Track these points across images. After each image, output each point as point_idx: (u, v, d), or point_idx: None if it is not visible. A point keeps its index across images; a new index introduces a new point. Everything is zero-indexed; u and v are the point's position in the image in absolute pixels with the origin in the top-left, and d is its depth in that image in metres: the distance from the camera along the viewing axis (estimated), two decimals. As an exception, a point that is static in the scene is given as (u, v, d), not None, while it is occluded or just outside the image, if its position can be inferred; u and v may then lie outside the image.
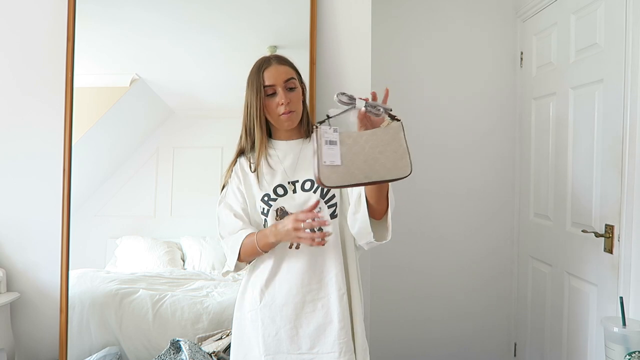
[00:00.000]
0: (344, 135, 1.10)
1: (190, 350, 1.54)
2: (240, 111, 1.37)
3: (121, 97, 1.85)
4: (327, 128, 1.09)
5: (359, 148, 1.10)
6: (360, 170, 1.10)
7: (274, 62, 1.33)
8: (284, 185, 1.33)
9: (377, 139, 1.12)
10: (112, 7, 1.79)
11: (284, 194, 1.32)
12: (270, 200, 1.32)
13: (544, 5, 2.26)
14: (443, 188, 2.59)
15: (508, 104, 2.59)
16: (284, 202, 1.31)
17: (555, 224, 2.16)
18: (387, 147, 1.12)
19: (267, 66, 1.32)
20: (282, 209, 1.31)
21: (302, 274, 1.29)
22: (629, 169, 1.65)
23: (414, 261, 2.58)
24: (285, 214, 1.29)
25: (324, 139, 1.07)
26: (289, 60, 1.38)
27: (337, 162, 1.07)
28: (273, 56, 1.36)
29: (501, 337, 2.64)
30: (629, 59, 1.65)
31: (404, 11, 2.57)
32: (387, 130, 1.13)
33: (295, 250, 1.30)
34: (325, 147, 1.07)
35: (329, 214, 1.31)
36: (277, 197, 1.32)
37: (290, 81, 1.32)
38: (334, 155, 1.08)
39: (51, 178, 1.73)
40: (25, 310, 1.77)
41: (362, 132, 1.12)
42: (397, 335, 2.57)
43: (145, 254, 1.87)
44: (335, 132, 1.09)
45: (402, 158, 1.13)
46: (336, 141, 1.08)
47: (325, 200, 1.31)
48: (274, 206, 1.31)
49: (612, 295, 1.73)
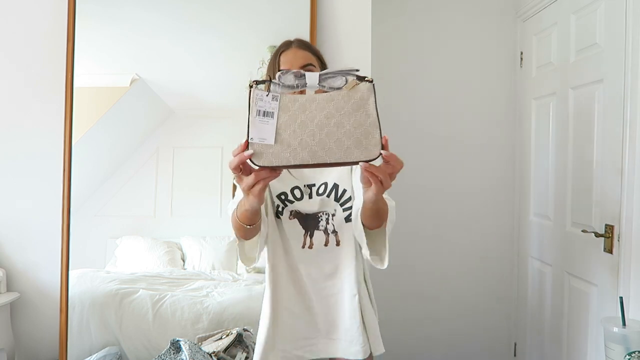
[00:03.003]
0: (287, 99, 0.84)
1: (190, 350, 1.54)
2: (240, 111, 1.36)
3: (121, 97, 1.85)
4: (263, 93, 0.83)
5: (307, 117, 0.83)
6: (305, 148, 0.83)
7: (294, 45, 1.24)
8: (300, 188, 1.25)
9: (335, 107, 0.84)
10: (112, 7, 1.79)
11: (300, 197, 1.25)
12: (287, 200, 1.25)
13: (544, 5, 2.26)
14: (443, 188, 2.59)
15: (508, 104, 2.59)
16: (299, 207, 1.24)
17: (555, 224, 2.16)
18: (347, 118, 0.84)
19: (286, 49, 1.23)
20: (297, 211, 1.23)
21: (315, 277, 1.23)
22: (629, 169, 1.65)
23: (413, 261, 2.58)
24: (300, 214, 1.23)
25: (257, 107, 0.82)
26: (313, 46, 1.29)
27: (268, 140, 0.82)
28: (296, 40, 1.26)
29: (501, 337, 2.64)
30: (629, 59, 1.65)
31: (404, 11, 2.57)
32: (350, 95, 0.85)
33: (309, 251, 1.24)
34: (257, 119, 0.82)
35: (344, 217, 1.23)
36: (294, 200, 1.25)
37: (307, 67, 1.20)
38: (266, 131, 0.82)
39: (51, 178, 1.73)
40: (25, 310, 1.77)
41: (314, 96, 0.85)
42: (397, 335, 2.57)
43: (145, 254, 1.87)
44: (274, 100, 0.83)
45: (367, 134, 0.84)
46: (273, 112, 0.83)
47: (341, 203, 1.23)
48: (289, 208, 1.24)
49: (612, 295, 1.73)
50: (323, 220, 1.23)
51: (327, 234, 1.22)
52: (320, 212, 1.23)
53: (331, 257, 1.24)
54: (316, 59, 1.25)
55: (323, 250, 1.23)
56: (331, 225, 1.23)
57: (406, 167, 1.28)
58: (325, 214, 1.24)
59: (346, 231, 1.23)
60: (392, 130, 1.35)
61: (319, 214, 1.23)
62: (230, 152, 0.86)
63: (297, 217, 1.23)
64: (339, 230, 1.23)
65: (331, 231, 1.22)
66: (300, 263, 1.24)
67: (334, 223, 1.23)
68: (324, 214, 1.23)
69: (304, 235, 1.23)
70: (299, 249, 1.24)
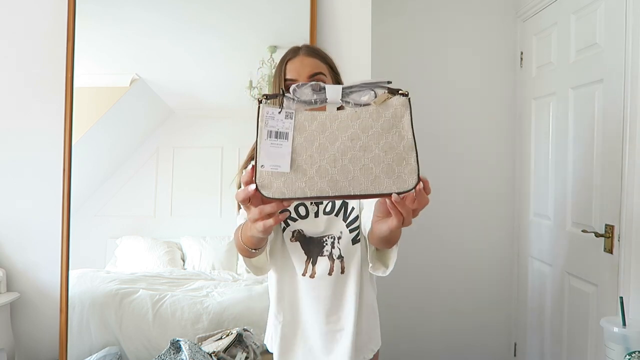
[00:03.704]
0: (302, 117, 0.68)
1: (190, 350, 1.54)
2: (240, 111, 1.35)
3: (121, 97, 1.85)
4: (275, 110, 0.67)
5: (327, 139, 0.68)
6: (324, 177, 0.68)
7: (302, 53, 1.13)
8: (306, 205, 1.14)
9: (361, 126, 0.68)
10: (112, 7, 1.79)
11: (305, 216, 1.14)
12: (290, 219, 1.13)
13: (544, 5, 2.26)
14: (443, 188, 2.59)
15: (508, 104, 2.60)
16: (303, 225, 1.12)
17: (555, 224, 2.16)
18: (376, 141, 0.69)
19: (292, 57, 1.13)
20: (300, 231, 1.11)
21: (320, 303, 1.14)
22: (629, 169, 1.65)
23: (413, 261, 2.58)
24: (302, 237, 1.11)
25: (267, 127, 0.67)
26: (322, 53, 1.17)
27: (283, 167, 0.67)
28: (304, 46, 1.16)
29: (501, 337, 2.64)
30: (629, 59, 1.65)
31: (404, 11, 2.57)
32: (380, 112, 0.69)
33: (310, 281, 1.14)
34: (267, 142, 0.67)
35: (351, 239, 1.12)
36: (298, 218, 1.14)
37: (316, 77, 1.10)
38: (280, 156, 0.67)
39: (51, 178, 1.73)
40: (25, 310, 1.77)
41: (335, 113, 0.69)
42: (397, 334, 2.57)
43: (145, 254, 1.87)
44: (288, 117, 0.68)
45: (401, 160, 0.69)
46: (287, 133, 0.67)
47: (348, 223, 1.12)
48: (292, 227, 1.12)
49: (612, 295, 1.73)
50: (328, 245, 1.12)
51: (332, 260, 1.12)
52: (325, 235, 1.12)
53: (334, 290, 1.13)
54: (326, 67, 1.14)
55: (326, 279, 1.12)
56: (337, 250, 1.12)
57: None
58: (331, 237, 1.12)
59: (353, 256, 1.13)
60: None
61: (324, 238, 1.12)
62: (230, 152, 0.84)
63: (300, 240, 1.12)
64: (345, 255, 1.12)
65: (337, 256, 1.12)
66: (300, 292, 1.15)
67: (340, 247, 1.12)
68: (329, 237, 1.12)
69: (306, 262, 1.12)
70: (299, 276, 1.14)
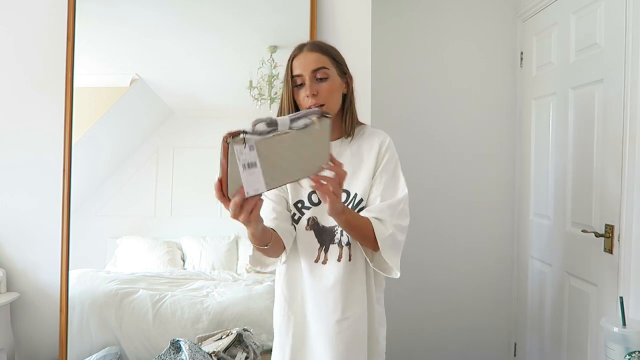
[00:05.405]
0: (260, 146, 0.87)
1: (190, 350, 1.54)
2: (240, 111, 1.36)
3: (121, 97, 1.85)
4: (241, 147, 0.86)
5: (279, 158, 0.91)
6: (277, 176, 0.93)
7: (306, 49, 1.20)
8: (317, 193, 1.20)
9: (300, 142, 0.94)
10: (112, 7, 1.80)
11: (318, 202, 1.21)
12: (304, 208, 1.22)
13: (544, 5, 2.26)
14: (443, 188, 2.59)
15: (508, 104, 2.59)
16: (317, 213, 1.21)
17: (555, 224, 2.16)
18: (308, 150, 0.95)
19: (297, 53, 1.20)
20: (314, 219, 1.20)
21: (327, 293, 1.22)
22: (629, 169, 1.65)
23: (413, 261, 2.57)
24: (317, 225, 1.20)
25: (241, 162, 0.86)
26: (326, 47, 1.23)
27: (261, 188, 0.88)
28: (309, 42, 1.23)
29: (501, 337, 2.64)
30: (629, 59, 1.65)
31: (404, 11, 2.57)
32: (311, 132, 0.94)
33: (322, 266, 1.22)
34: (245, 173, 0.87)
35: None
36: (312, 205, 1.22)
37: (320, 71, 1.17)
38: (256, 181, 0.88)
39: (51, 178, 1.73)
40: (25, 310, 1.77)
41: (280, 137, 0.90)
42: (396, 334, 2.57)
43: (145, 254, 1.87)
44: (251, 149, 0.86)
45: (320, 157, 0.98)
46: (255, 162, 0.87)
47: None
48: (307, 214, 1.21)
49: (612, 295, 1.73)
50: (338, 233, 1.21)
51: (341, 247, 1.20)
52: (336, 225, 1.20)
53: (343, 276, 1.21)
54: (329, 60, 1.21)
55: (335, 265, 1.20)
56: (345, 237, 1.20)
57: (406, 167, 1.29)
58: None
59: (357, 243, 1.20)
60: (392, 130, 1.35)
61: (336, 227, 1.21)
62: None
63: (315, 229, 1.21)
64: (352, 242, 1.20)
65: (345, 243, 1.20)
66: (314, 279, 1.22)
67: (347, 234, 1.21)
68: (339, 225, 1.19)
69: (319, 249, 1.21)
70: (311, 262, 1.22)
